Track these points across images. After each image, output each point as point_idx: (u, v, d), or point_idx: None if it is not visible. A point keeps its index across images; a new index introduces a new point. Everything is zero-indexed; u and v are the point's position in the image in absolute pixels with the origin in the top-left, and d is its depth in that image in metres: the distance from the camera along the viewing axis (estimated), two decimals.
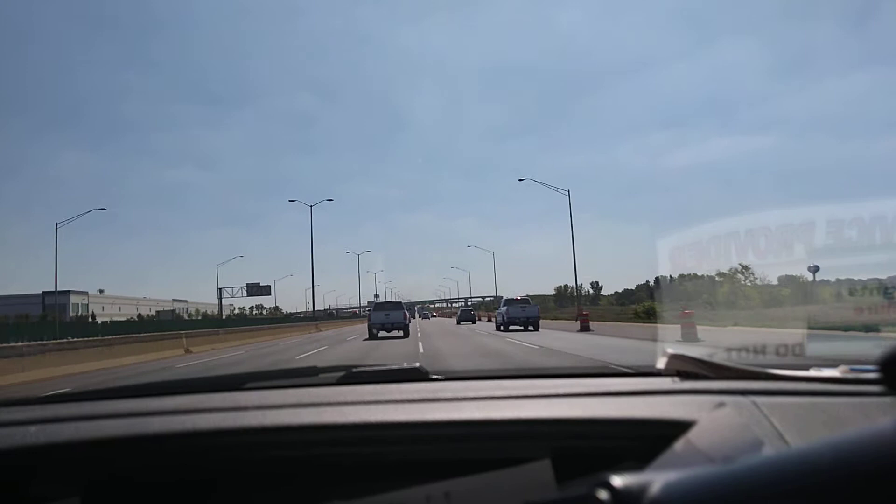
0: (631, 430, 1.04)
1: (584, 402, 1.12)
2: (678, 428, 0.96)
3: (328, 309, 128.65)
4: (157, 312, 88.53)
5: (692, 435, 0.93)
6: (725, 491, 0.46)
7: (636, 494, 0.47)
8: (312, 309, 63.17)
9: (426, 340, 22.17)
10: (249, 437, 1.07)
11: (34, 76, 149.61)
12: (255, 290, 78.14)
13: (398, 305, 27.85)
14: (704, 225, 1.69)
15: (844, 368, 1.15)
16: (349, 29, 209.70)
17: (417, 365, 1.40)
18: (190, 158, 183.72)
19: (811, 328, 1.67)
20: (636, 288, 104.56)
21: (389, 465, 1.10)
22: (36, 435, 1.08)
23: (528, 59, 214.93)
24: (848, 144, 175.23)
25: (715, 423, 0.96)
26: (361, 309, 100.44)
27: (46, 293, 77.57)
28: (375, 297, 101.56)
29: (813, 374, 1.15)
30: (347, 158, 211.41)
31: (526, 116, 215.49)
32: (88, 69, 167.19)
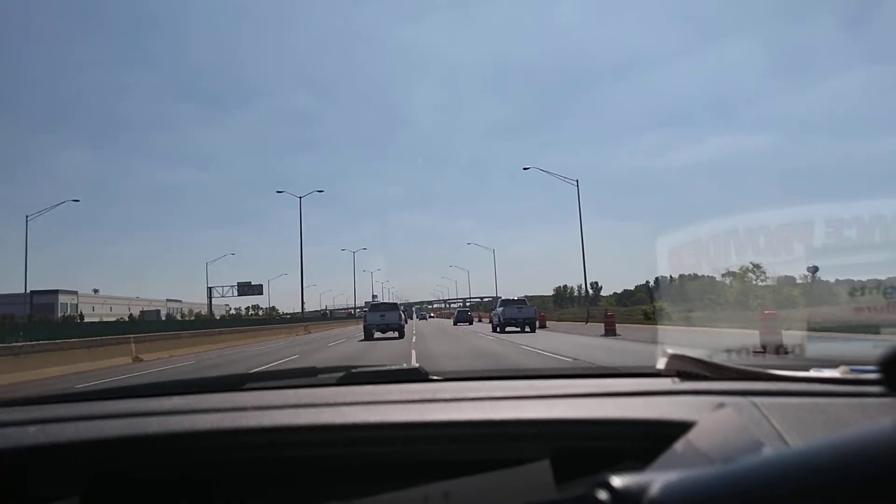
0: (631, 430, 1.04)
1: (583, 402, 1.12)
2: (678, 428, 0.96)
3: (325, 309, 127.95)
4: (141, 312, 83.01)
5: (692, 435, 0.93)
6: (725, 491, 0.46)
7: (636, 495, 0.47)
8: (301, 309, 59.27)
9: (420, 343, 21.20)
10: (249, 437, 1.07)
11: (30, 74, 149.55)
12: (246, 289, 75.53)
13: (394, 307, 28.21)
14: (703, 224, 1.69)
15: (844, 369, 1.15)
16: (348, 27, 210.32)
17: (417, 365, 1.40)
18: (187, 157, 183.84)
19: (811, 329, 1.67)
20: (635, 288, 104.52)
21: (389, 465, 1.09)
22: (35, 435, 1.08)
23: (527, 58, 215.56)
24: (847, 143, 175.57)
25: (715, 423, 0.96)
26: (357, 309, 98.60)
27: (34, 293, 77.21)
28: (374, 297, 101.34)
29: (813, 374, 1.15)
30: (346, 157, 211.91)
31: (525, 115, 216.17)
32: (85, 67, 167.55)
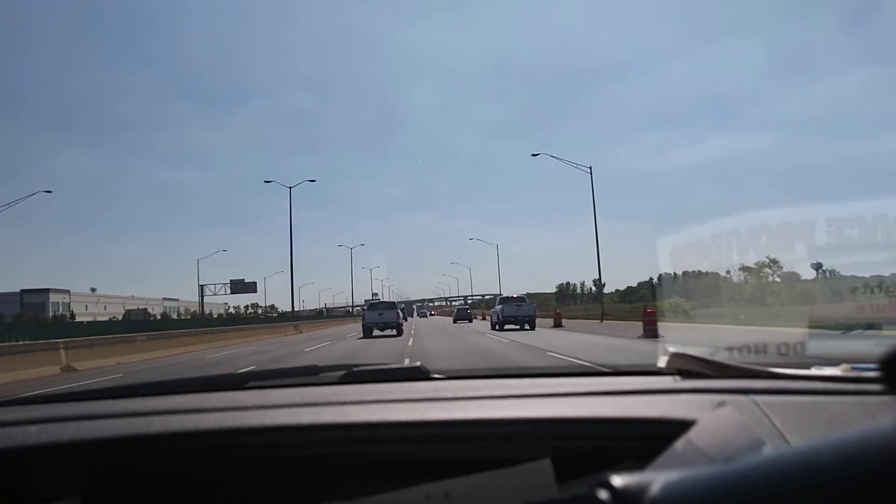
0: (631, 429, 1.04)
1: (584, 401, 1.12)
2: (679, 427, 0.96)
3: (324, 307, 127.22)
4: (127, 311, 78.66)
5: (693, 434, 0.93)
6: (726, 490, 0.46)
7: (636, 494, 0.47)
8: (292, 307, 55.22)
9: (417, 342, 20.79)
10: (250, 436, 1.07)
11: (30, 74, 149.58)
12: (239, 286, 72.03)
13: (392, 305, 28.75)
14: (704, 224, 1.69)
15: (846, 367, 1.14)
16: (348, 27, 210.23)
17: (419, 364, 1.40)
18: (187, 157, 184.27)
19: (812, 327, 1.66)
20: (638, 285, 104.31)
21: (390, 464, 1.09)
22: (37, 434, 1.08)
23: (527, 58, 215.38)
24: (848, 143, 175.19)
25: (716, 422, 0.96)
26: (355, 308, 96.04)
27: (25, 291, 75.37)
28: (374, 295, 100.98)
29: (814, 372, 1.15)
30: (346, 157, 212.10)
31: (525, 115, 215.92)
32: (85, 67, 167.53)
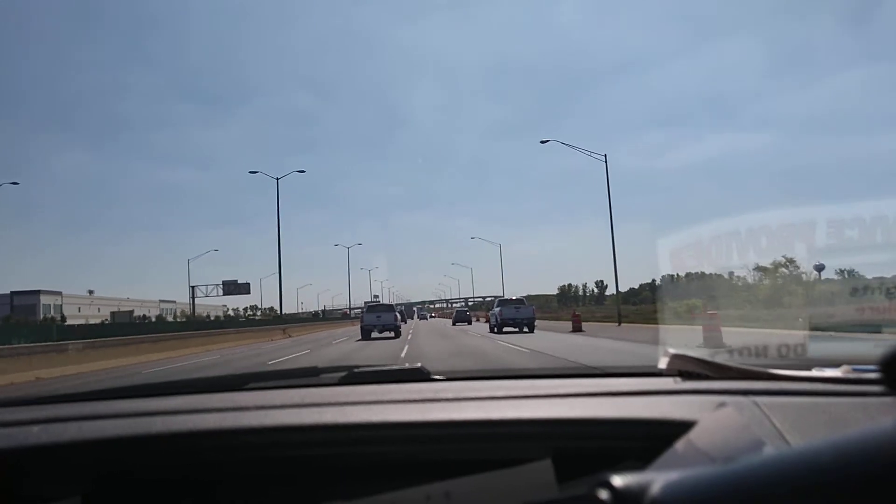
0: (632, 430, 1.04)
1: (585, 402, 1.12)
2: (679, 428, 0.96)
3: (323, 309, 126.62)
4: (111, 314, 76.84)
5: (693, 435, 0.93)
6: (726, 491, 0.46)
7: (637, 494, 0.47)
8: (280, 308, 51.61)
9: (414, 345, 20.19)
10: (251, 437, 1.07)
11: (30, 74, 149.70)
12: (232, 287, 68.25)
13: (390, 308, 29.40)
14: (704, 225, 1.69)
15: (846, 368, 1.14)
16: (348, 27, 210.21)
17: (419, 365, 1.40)
18: (187, 157, 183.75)
19: (814, 329, 1.66)
20: (640, 287, 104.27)
21: (390, 465, 1.10)
22: (38, 435, 1.08)
23: (527, 58, 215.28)
24: (848, 142, 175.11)
25: (716, 423, 0.96)
26: (352, 310, 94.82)
27: (15, 293, 73.61)
28: (374, 297, 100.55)
29: (814, 374, 1.15)
30: (346, 157, 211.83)
31: (525, 115, 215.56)
32: (85, 67, 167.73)
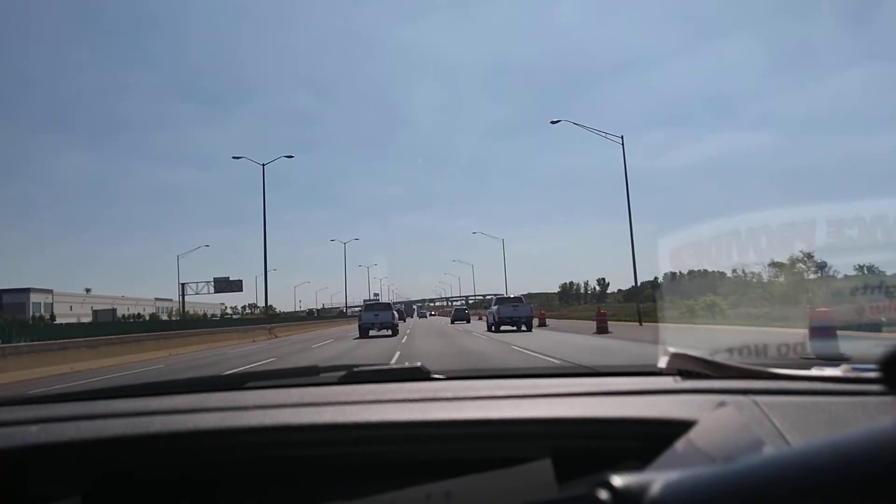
0: (632, 429, 1.04)
1: (584, 401, 1.12)
2: (679, 427, 0.96)
3: (322, 307, 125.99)
4: (94, 312, 71.50)
5: (693, 434, 0.93)
6: (726, 490, 0.46)
7: (637, 494, 0.47)
8: (266, 305, 49.07)
9: (409, 343, 20.14)
10: (250, 436, 1.07)
11: (30, 74, 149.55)
12: (223, 285, 64.18)
13: (387, 306, 29.85)
14: (705, 224, 1.69)
15: (846, 367, 1.14)
16: (348, 27, 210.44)
17: (419, 364, 1.40)
18: (187, 157, 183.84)
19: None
20: (641, 285, 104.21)
21: (390, 464, 1.10)
22: (37, 434, 1.08)
23: (527, 58, 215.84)
24: (848, 142, 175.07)
25: (716, 422, 0.96)
26: (349, 308, 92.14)
27: (3, 291, 71.29)
28: (375, 296, 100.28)
29: (814, 373, 1.15)
30: (346, 157, 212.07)
31: (525, 115, 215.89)
32: (85, 67, 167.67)
